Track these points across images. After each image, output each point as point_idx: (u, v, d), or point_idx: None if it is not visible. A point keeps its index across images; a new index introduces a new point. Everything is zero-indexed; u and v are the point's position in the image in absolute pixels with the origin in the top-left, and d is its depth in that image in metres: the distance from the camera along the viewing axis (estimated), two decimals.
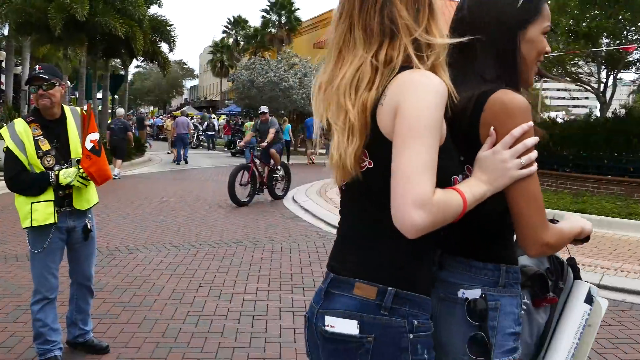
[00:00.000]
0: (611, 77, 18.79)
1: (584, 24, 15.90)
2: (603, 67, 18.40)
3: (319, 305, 1.54)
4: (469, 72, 1.61)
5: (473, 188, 1.44)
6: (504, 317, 1.58)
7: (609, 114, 16.35)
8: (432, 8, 1.48)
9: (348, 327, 1.45)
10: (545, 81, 52.91)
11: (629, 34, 17.07)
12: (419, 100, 1.36)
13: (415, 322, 1.46)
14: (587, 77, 19.22)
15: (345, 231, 1.58)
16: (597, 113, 18.98)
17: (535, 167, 1.50)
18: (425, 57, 1.45)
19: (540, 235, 1.49)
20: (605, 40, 16.95)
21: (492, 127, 1.51)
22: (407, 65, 1.44)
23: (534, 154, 1.50)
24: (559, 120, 17.35)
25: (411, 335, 1.45)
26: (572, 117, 39.50)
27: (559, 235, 1.55)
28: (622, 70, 18.84)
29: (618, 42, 16.38)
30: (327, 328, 1.49)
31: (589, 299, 1.73)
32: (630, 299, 5.92)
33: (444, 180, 1.41)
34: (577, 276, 1.79)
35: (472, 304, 1.56)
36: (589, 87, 18.67)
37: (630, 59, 18.89)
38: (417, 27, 1.45)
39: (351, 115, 1.44)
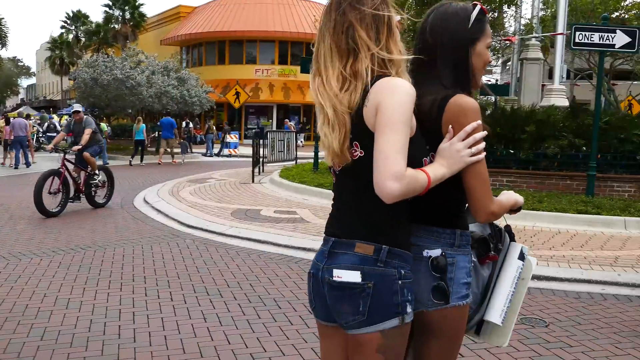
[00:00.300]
0: None
1: (417, 25, 16.85)
2: None
3: (323, 263, 1.95)
4: (432, 80, 2.04)
5: (435, 170, 1.87)
6: (459, 270, 2.03)
7: None
8: (391, 29, 1.89)
9: (353, 276, 1.87)
10: None
11: None
12: (395, 100, 1.77)
13: (403, 272, 1.90)
14: None
15: (344, 205, 1.98)
16: None
17: (483, 155, 1.93)
18: (389, 69, 1.87)
19: (488, 205, 1.95)
20: None
21: (449, 125, 1.94)
22: (381, 75, 1.85)
23: (482, 145, 1.92)
24: None
25: (400, 282, 1.88)
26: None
27: (500, 205, 2.03)
28: None
29: None
30: (335, 278, 1.90)
31: (522, 257, 2.21)
32: None
33: (415, 162, 1.85)
34: (512, 239, 2.26)
35: (434, 261, 2.00)
36: None
37: None
38: (377, 46, 1.86)
39: (330, 112, 1.86)
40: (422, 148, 1.93)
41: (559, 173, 10.66)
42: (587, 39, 10.06)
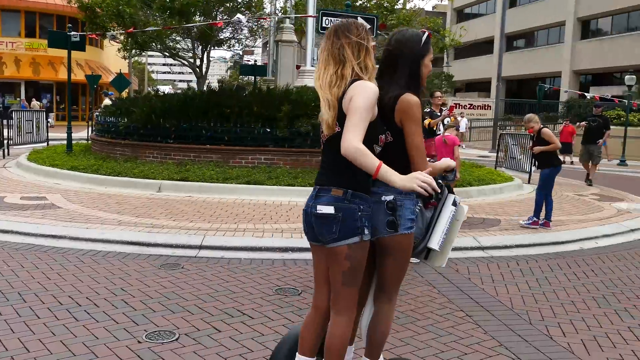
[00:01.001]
0: (205, 52, 20.14)
1: (177, 1, 16.60)
2: (197, 43, 19.59)
3: (312, 202, 2.95)
4: (392, 82, 3.03)
5: (389, 173, 2.74)
6: (406, 210, 3.01)
7: (206, 88, 17.52)
8: (368, 50, 2.92)
9: (329, 209, 2.88)
10: (150, 55, 53.90)
11: (218, 13, 18.50)
12: (362, 94, 2.77)
13: (362, 207, 2.90)
14: (185, 52, 20.27)
15: (326, 164, 2.98)
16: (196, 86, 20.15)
17: (425, 186, 2.76)
18: (364, 75, 2.88)
19: (423, 168, 2.92)
20: (198, 18, 18.04)
21: (401, 113, 2.97)
22: (357, 78, 2.87)
23: (428, 186, 2.74)
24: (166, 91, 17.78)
25: (359, 213, 2.88)
26: (178, 91, 41.05)
27: (433, 167, 3.06)
28: (215, 47, 20.35)
29: (209, 20, 17.61)
30: (317, 211, 2.91)
31: (455, 204, 3.15)
32: (228, 254, 6.56)
33: (374, 137, 2.89)
34: (450, 192, 3.22)
35: (389, 203, 2.99)
36: (186, 62, 19.73)
37: (222, 37, 20.51)
38: (357, 60, 2.88)
39: (330, 98, 2.86)
40: (380, 127, 2.94)
41: (312, 150, 11.27)
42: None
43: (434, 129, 10.06)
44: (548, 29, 47.59)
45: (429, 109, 10.42)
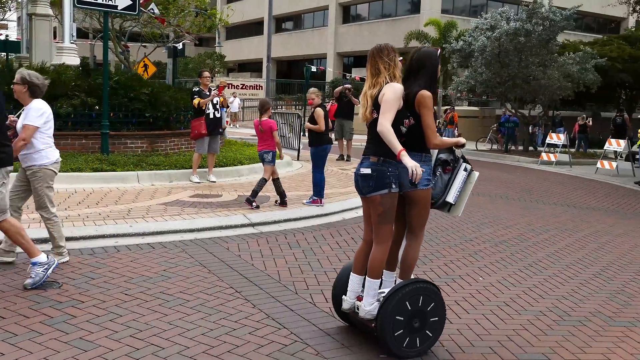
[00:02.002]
0: None
1: None
2: None
3: (359, 166, 4.12)
4: (414, 83, 4.16)
5: (404, 156, 3.81)
6: (423, 173, 3.94)
7: None
8: (396, 63, 4.12)
9: (367, 170, 4.05)
10: None
11: None
12: (391, 92, 3.99)
13: (390, 169, 4.01)
14: None
15: (369, 140, 4.12)
16: None
17: (417, 177, 3.87)
18: (393, 81, 4.07)
19: (433, 140, 4.08)
20: None
21: (418, 103, 4.09)
22: (388, 82, 4.08)
23: (417, 175, 3.83)
24: None
25: (388, 173, 4.00)
26: None
27: (441, 141, 4.20)
28: None
29: None
30: (360, 172, 4.09)
31: (466, 170, 4.23)
32: None
33: (401, 120, 4.05)
34: (465, 161, 4.27)
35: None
36: None
37: None
38: (387, 71, 4.09)
39: (365, 99, 4.14)
40: (404, 114, 4.05)
41: (74, 133, 10.51)
42: None
43: (203, 108, 10.01)
44: (314, 12, 49.86)
45: (197, 89, 10.33)
